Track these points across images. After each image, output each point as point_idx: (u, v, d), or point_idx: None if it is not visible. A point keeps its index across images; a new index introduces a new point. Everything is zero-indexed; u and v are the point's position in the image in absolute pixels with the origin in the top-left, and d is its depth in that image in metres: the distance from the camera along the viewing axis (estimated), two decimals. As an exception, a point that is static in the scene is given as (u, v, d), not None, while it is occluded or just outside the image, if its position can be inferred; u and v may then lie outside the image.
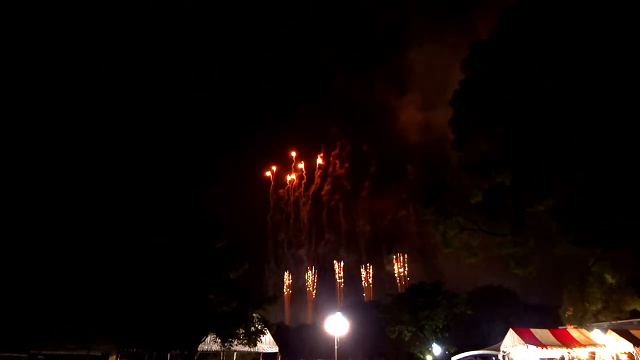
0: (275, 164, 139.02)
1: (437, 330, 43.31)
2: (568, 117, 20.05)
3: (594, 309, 25.19)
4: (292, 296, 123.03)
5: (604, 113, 19.20)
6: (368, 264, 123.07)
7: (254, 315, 29.20)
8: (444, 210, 24.47)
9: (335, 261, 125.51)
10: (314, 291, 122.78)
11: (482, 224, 23.85)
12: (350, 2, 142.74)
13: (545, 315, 46.26)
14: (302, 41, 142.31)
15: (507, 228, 23.00)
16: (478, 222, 23.98)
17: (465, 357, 37.01)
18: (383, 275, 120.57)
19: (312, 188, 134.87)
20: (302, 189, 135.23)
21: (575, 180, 20.30)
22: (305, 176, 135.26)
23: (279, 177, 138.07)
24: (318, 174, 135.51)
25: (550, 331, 28.31)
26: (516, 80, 21.77)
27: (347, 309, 68.15)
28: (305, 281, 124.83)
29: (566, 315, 27.60)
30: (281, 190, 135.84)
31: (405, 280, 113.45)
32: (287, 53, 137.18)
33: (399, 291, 76.43)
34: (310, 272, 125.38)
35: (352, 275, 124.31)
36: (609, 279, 22.70)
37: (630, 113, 18.66)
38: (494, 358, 30.96)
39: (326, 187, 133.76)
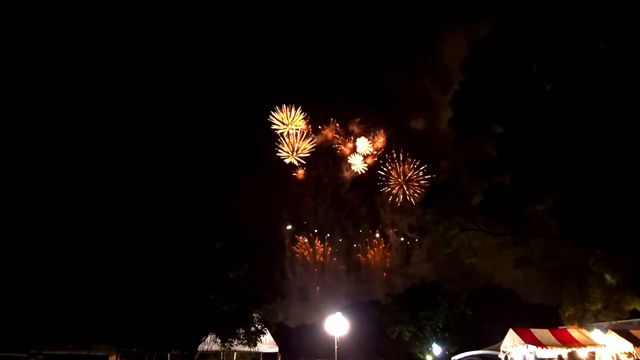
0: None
1: (437, 330, 43.25)
2: (567, 117, 20.08)
3: (594, 309, 25.17)
4: (300, 296, 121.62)
5: (604, 113, 19.22)
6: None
7: (254, 315, 29.20)
8: (444, 210, 24.48)
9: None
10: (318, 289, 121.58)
11: (482, 224, 23.89)
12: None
13: (545, 315, 46.17)
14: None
15: (507, 228, 23.03)
16: (478, 222, 24.02)
17: (465, 357, 36.96)
18: (404, 272, 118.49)
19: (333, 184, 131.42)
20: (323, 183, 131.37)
21: (575, 180, 20.33)
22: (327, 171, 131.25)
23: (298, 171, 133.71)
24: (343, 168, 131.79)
25: (550, 331, 28.18)
26: (516, 81, 21.82)
27: (348, 309, 68.13)
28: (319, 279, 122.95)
29: (566, 315, 27.58)
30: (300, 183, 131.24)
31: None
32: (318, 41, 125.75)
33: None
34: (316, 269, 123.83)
35: (364, 273, 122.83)
36: (609, 279, 22.62)
37: (631, 113, 18.68)
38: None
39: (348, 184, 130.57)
